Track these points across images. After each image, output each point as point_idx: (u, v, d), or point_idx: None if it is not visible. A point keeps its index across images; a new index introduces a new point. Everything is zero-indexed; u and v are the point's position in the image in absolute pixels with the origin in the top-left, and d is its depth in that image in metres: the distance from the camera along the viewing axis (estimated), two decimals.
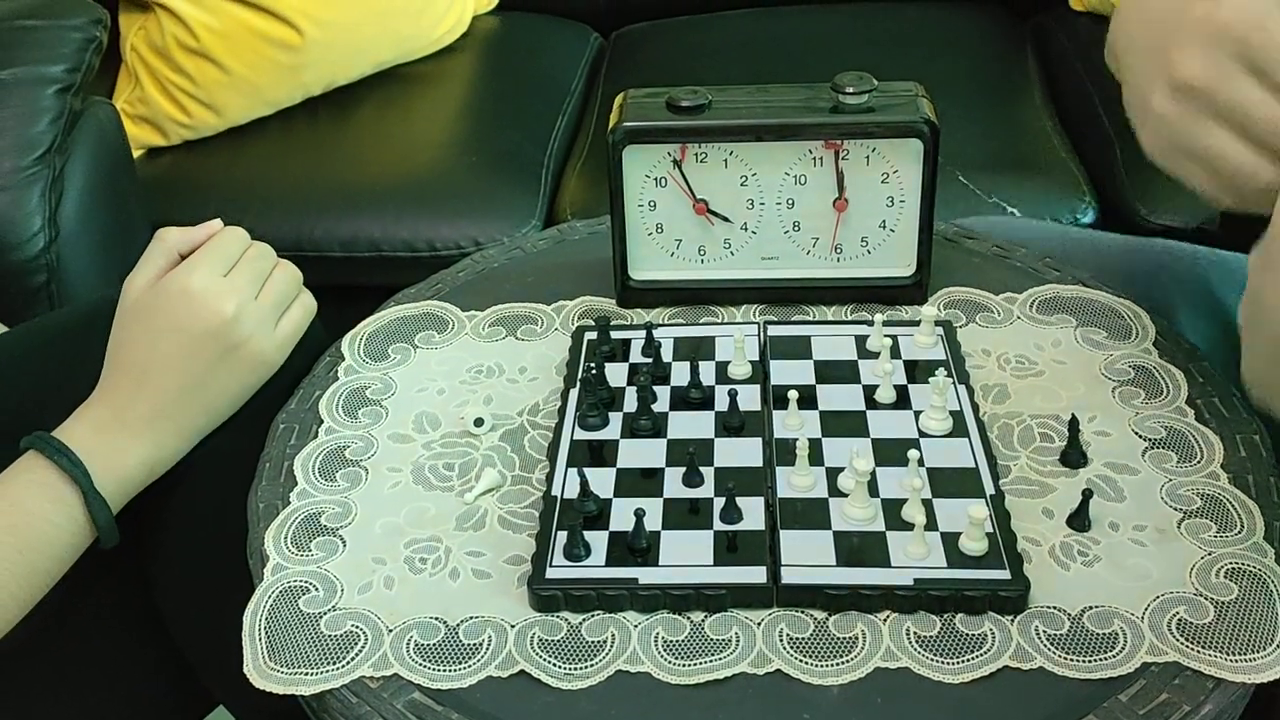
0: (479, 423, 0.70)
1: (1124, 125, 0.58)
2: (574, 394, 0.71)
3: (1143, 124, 0.56)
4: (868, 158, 0.75)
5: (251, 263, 0.71)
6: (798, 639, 0.56)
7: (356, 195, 1.43)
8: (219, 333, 0.68)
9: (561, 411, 0.70)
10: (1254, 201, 0.53)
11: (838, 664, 0.55)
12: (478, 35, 1.72)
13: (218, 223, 0.73)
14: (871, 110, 0.74)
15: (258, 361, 0.71)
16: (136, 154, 1.48)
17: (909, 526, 0.60)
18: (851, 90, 0.74)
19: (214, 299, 0.68)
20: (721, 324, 0.78)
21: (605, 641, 0.57)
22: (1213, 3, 0.51)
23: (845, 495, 0.62)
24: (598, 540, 0.61)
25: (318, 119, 1.56)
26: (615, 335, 0.76)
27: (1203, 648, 0.54)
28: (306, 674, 0.56)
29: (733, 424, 0.68)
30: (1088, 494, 0.61)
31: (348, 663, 0.57)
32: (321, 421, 0.72)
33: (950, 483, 0.63)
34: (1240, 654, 0.54)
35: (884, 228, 0.78)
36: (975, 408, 0.68)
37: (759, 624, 0.57)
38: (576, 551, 0.60)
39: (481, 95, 1.63)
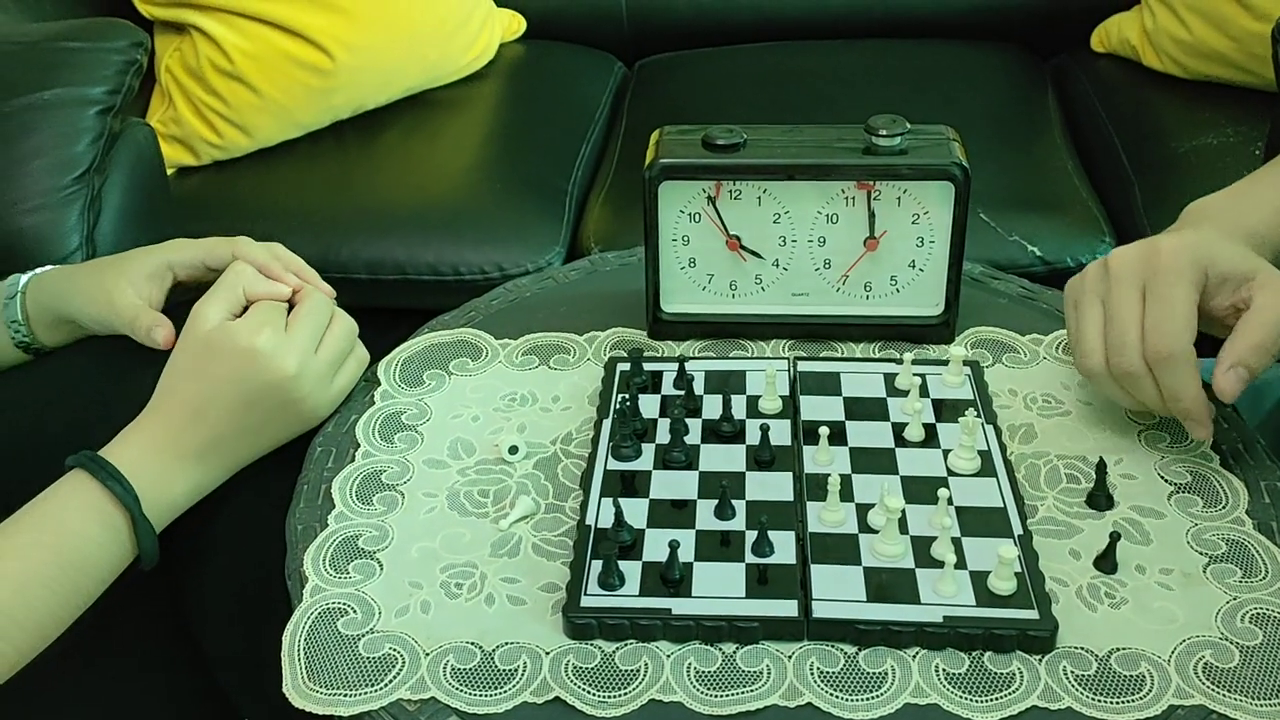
0: (513, 450, 0.72)
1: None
2: (607, 424, 0.72)
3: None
4: (899, 198, 0.77)
5: (312, 316, 0.73)
6: (829, 673, 0.57)
7: (382, 218, 1.45)
8: (279, 387, 0.70)
9: (595, 441, 0.71)
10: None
11: (868, 699, 0.56)
12: (504, 62, 1.75)
13: (288, 290, 0.75)
14: (904, 152, 0.76)
15: (311, 415, 0.73)
16: (168, 173, 1.50)
17: (938, 564, 0.61)
18: (884, 132, 0.76)
19: (278, 358, 0.70)
20: (752, 358, 0.79)
21: (638, 670, 0.58)
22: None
23: (875, 531, 0.63)
24: (632, 570, 0.62)
25: (346, 142, 1.58)
26: (647, 367, 0.77)
27: (1229, 691, 0.55)
28: (345, 695, 0.57)
29: (764, 458, 0.69)
30: (1115, 536, 0.62)
31: (386, 685, 0.58)
32: (358, 445, 0.73)
33: (978, 522, 0.64)
34: (1266, 698, 0.55)
35: (913, 267, 0.79)
36: (1003, 448, 0.69)
37: (790, 657, 0.58)
38: (611, 581, 0.61)
39: (507, 122, 1.64)
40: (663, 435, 0.71)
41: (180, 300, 0.78)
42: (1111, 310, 0.66)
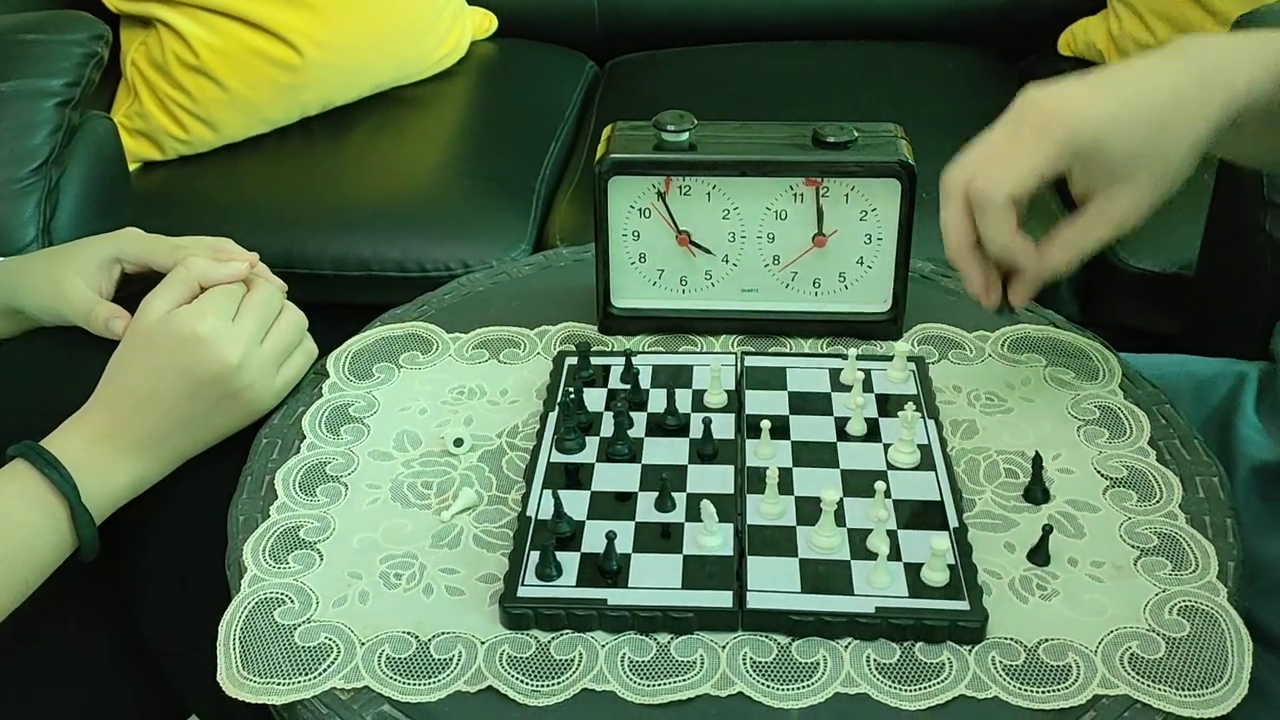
0: (459, 443, 0.72)
1: None
2: (553, 417, 0.72)
3: None
4: (847, 195, 0.77)
5: (259, 307, 0.72)
6: (761, 663, 0.58)
7: (349, 214, 1.44)
8: (222, 378, 0.70)
9: (540, 434, 0.72)
10: None
11: (798, 688, 0.56)
12: (475, 60, 1.75)
13: (244, 267, 0.74)
14: (851, 150, 0.76)
15: (254, 407, 0.73)
16: (132, 167, 1.49)
17: (873, 556, 0.61)
18: (833, 140, 0.76)
19: (221, 346, 0.69)
20: (700, 353, 0.80)
21: (573, 660, 0.58)
22: None
23: (814, 525, 0.64)
24: (569, 561, 0.62)
25: (313, 138, 1.57)
26: (595, 361, 0.77)
27: (1153, 682, 0.56)
28: (279, 684, 0.57)
29: (706, 451, 0.69)
30: (1047, 529, 0.62)
31: (319, 674, 0.58)
32: (304, 437, 0.73)
33: (915, 515, 0.65)
34: (1189, 689, 0.55)
35: (861, 264, 0.80)
36: (943, 442, 0.70)
37: (724, 647, 0.59)
38: (548, 571, 0.61)
39: (477, 119, 1.65)
40: (607, 428, 0.71)
41: (130, 292, 0.78)
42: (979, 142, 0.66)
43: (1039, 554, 0.62)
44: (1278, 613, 0.72)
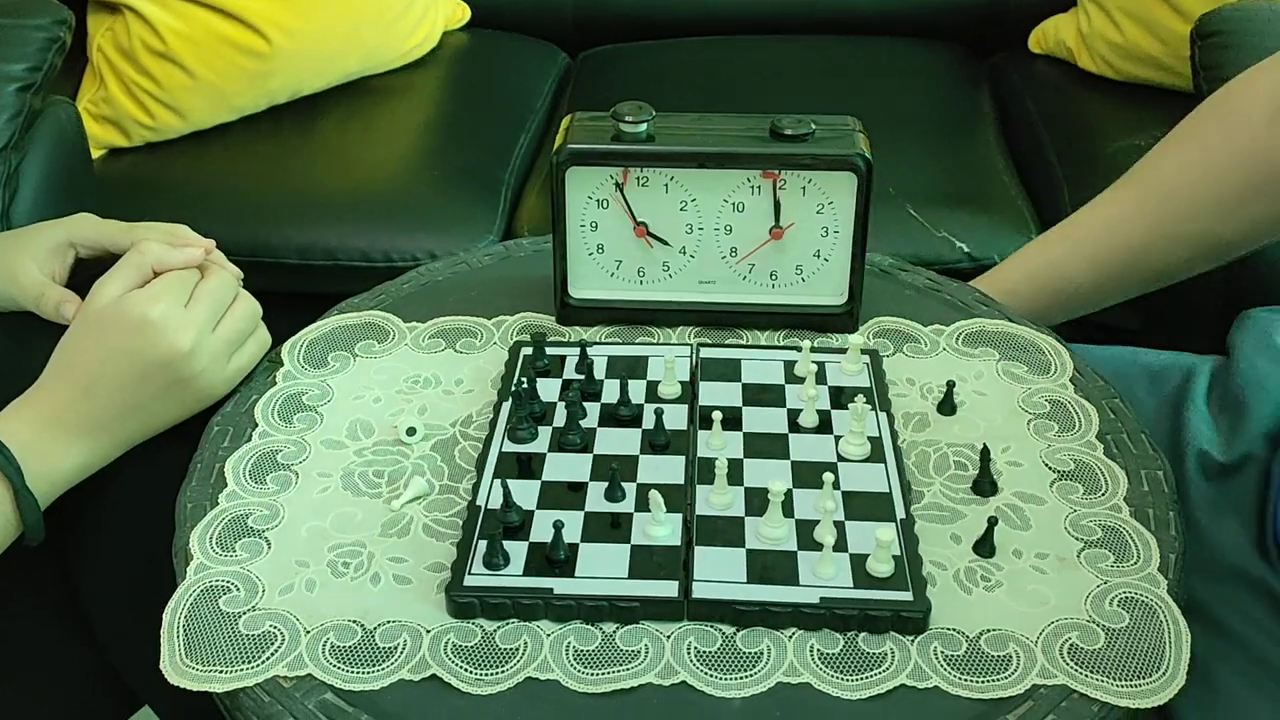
0: (411, 432, 0.72)
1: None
2: (506, 407, 0.72)
3: None
4: (804, 188, 0.78)
5: (213, 294, 0.72)
6: (705, 652, 0.58)
7: (316, 204, 1.44)
8: (172, 364, 0.69)
9: (493, 424, 0.72)
10: None
11: (741, 677, 0.57)
12: (447, 51, 1.74)
13: (200, 252, 0.73)
14: (808, 142, 0.77)
15: (205, 394, 0.72)
16: (98, 154, 1.48)
17: (820, 547, 0.61)
18: (790, 132, 0.76)
19: (172, 332, 0.69)
20: (656, 344, 0.80)
21: (518, 649, 0.58)
22: None
23: (763, 515, 0.64)
24: (517, 550, 0.62)
25: (282, 126, 1.57)
26: (551, 352, 0.77)
27: (1091, 672, 0.56)
28: (221, 672, 0.57)
29: (658, 442, 0.70)
30: (993, 521, 0.63)
31: (263, 662, 0.58)
32: (256, 425, 0.73)
33: (863, 506, 0.65)
34: (1126, 679, 0.56)
35: (818, 257, 0.80)
36: (894, 435, 0.70)
37: (669, 636, 0.59)
38: (495, 560, 0.61)
39: (447, 110, 1.64)
40: (560, 418, 0.71)
41: (84, 277, 0.78)
42: None
43: (984, 545, 0.63)
44: (1224, 598, 0.73)
